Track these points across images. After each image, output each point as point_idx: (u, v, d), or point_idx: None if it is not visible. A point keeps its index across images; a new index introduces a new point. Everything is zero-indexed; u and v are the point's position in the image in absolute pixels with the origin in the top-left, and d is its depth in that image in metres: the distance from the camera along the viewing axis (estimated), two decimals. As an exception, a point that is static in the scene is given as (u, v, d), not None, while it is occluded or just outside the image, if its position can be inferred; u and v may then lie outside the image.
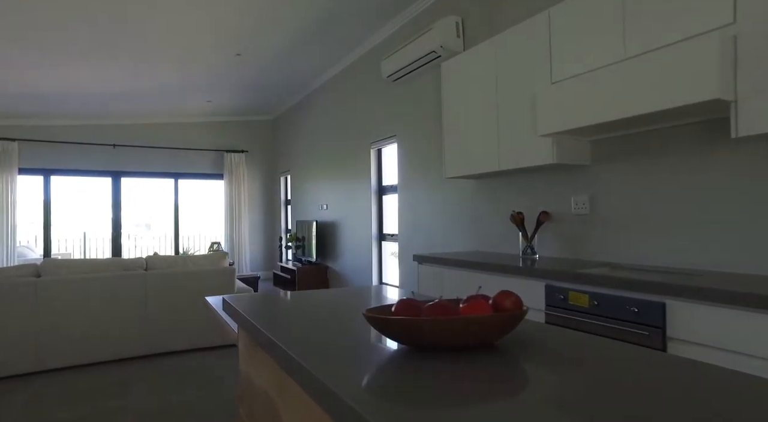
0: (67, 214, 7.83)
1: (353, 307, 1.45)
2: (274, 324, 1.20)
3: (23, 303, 3.42)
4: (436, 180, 4.11)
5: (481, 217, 3.60)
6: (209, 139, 8.14)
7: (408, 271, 4.49)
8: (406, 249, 4.56)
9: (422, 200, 4.31)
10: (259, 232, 8.51)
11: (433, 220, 4.16)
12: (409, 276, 4.46)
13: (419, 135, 4.34)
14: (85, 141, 7.27)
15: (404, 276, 4.56)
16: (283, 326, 1.18)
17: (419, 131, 4.34)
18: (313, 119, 6.84)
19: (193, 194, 8.32)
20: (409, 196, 4.51)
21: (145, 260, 3.94)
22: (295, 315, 1.34)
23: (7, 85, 5.49)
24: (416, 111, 4.38)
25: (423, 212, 4.30)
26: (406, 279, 4.51)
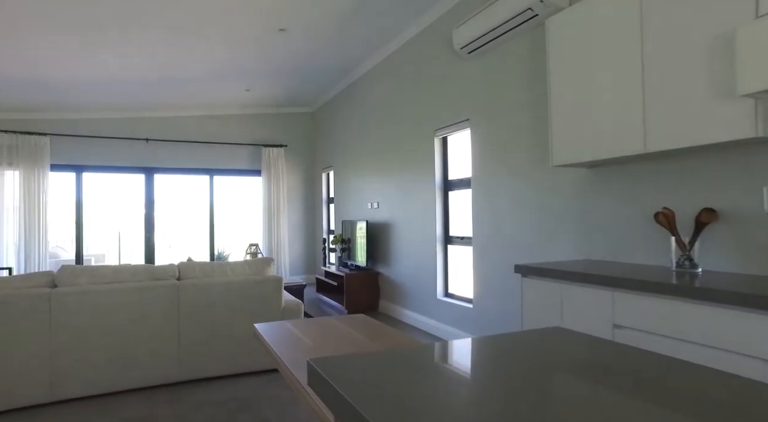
0: (100, 212, 7.41)
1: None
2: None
3: (35, 319, 2.84)
4: (525, 171, 3.32)
5: (596, 216, 2.80)
6: (246, 132, 7.57)
7: (487, 282, 3.71)
8: (482, 255, 3.79)
9: (505, 197, 3.53)
10: (298, 233, 7.89)
11: (521, 220, 3.37)
12: (489, 289, 3.69)
13: (502, 117, 3.56)
14: (117, 135, 6.81)
15: (482, 288, 3.78)
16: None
17: (502, 112, 3.56)
18: (360, 108, 6.14)
19: (228, 192, 7.78)
20: (486, 191, 3.74)
21: (177, 267, 3.31)
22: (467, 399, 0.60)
23: (36, 74, 5.01)
24: (498, 88, 3.60)
25: (506, 211, 3.52)
26: (485, 292, 3.74)
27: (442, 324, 4.35)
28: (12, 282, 2.91)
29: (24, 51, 4.43)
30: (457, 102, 4.11)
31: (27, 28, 3.93)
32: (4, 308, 2.79)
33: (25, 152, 6.27)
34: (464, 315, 4.02)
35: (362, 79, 6.08)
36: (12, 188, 6.29)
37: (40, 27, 3.93)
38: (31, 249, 6.22)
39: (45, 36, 4.12)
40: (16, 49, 4.38)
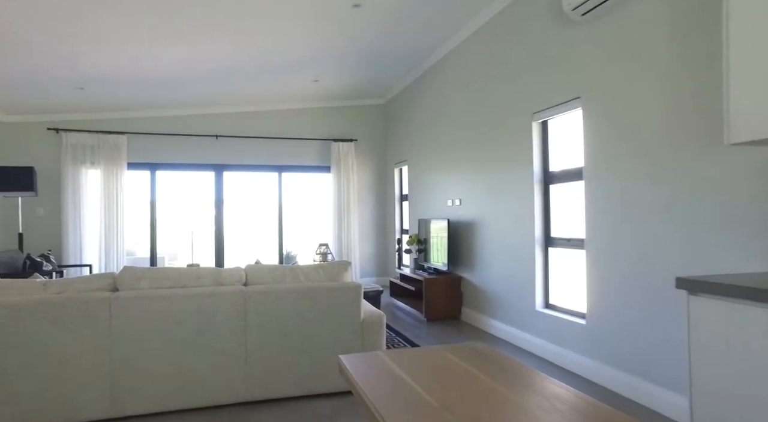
0: (173, 210, 7.42)
1: None
2: None
3: (96, 326, 2.56)
4: (668, 156, 2.61)
5: (787, 213, 2.05)
6: (315, 127, 7.26)
7: (609, 294, 3.02)
8: (601, 261, 3.10)
9: (637, 189, 2.82)
10: (369, 232, 7.47)
11: (662, 218, 2.66)
12: (611, 302, 3.00)
13: (628, 92, 2.85)
14: (188, 132, 6.74)
15: (600, 300, 3.09)
16: None
17: (628, 86, 2.85)
18: (439, 95, 5.58)
19: (297, 189, 7.51)
20: (607, 183, 3.04)
21: (244, 271, 2.94)
22: None
23: (112, 71, 4.93)
24: (623, 56, 2.90)
25: (639, 207, 2.81)
26: (605, 306, 3.05)
27: (542, 341, 3.69)
28: (73, 284, 2.66)
29: (101, 47, 4.31)
30: (563, 78, 3.44)
31: (100, 21, 3.76)
32: (65, 313, 2.53)
33: (105, 151, 6.33)
34: (574, 333, 3.34)
35: (442, 63, 5.51)
36: (94, 186, 6.38)
37: (113, 22, 3.75)
38: (110, 247, 6.27)
39: (117, 31, 3.95)
40: (94, 46, 4.27)
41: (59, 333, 2.53)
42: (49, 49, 4.25)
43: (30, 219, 6.19)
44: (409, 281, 5.65)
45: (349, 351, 2.93)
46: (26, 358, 2.49)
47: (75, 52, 4.36)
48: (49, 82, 5.07)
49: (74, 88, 5.34)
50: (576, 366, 3.30)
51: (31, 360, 2.50)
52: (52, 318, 2.52)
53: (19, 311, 2.49)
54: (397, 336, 4.34)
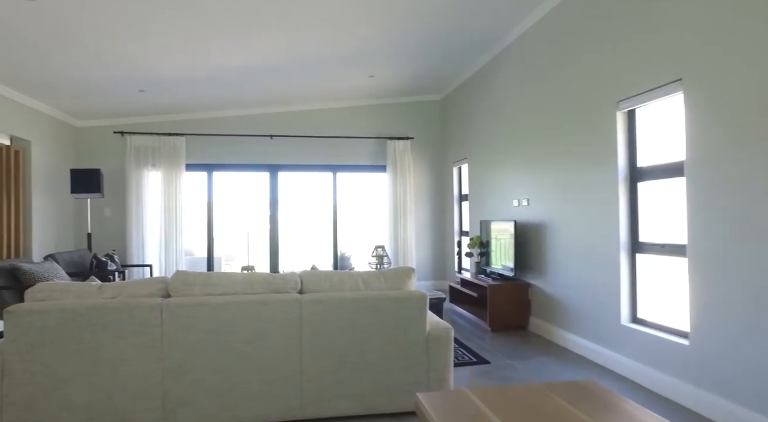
0: (229, 211, 7.46)
1: None
2: None
3: (147, 334, 2.44)
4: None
5: None
6: (370, 125, 7.05)
7: (722, 310, 2.54)
8: (709, 271, 2.62)
9: (754, 186, 2.34)
10: (426, 234, 7.16)
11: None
12: (724, 321, 2.52)
13: (748, 69, 2.38)
14: (244, 133, 6.72)
15: (709, 318, 2.62)
16: None
17: (748, 61, 2.38)
18: (503, 89, 5.18)
19: (352, 189, 7.33)
20: (716, 179, 2.57)
21: (299, 277, 2.72)
22: None
23: (171, 71, 4.94)
24: (741, 24, 2.42)
25: (759, 208, 2.33)
26: (716, 325, 2.57)
27: (629, 360, 3.24)
28: (126, 289, 2.56)
29: (159, 47, 4.29)
30: (658, 59, 2.98)
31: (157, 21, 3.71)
32: (118, 319, 2.42)
33: (165, 153, 6.42)
34: (673, 355, 2.88)
35: (506, 53, 5.11)
36: (155, 188, 6.49)
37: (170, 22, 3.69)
38: (169, 247, 6.35)
39: (174, 31, 3.89)
40: (152, 46, 4.26)
41: (112, 340, 2.42)
42: (112, 52, 4.28)
43: (98, 220, 6.38)
44: (471, 286, 5.29)
45: (414, 367, 2.64)
46: (81, 364, 2.40)
47: (136, 53, 4.37)
48: (113, 86, 5.16)
49: (136, 91, 5.41)
50: (675, 392, 2.84)
51: (85, 366, 2.40)
52: (104, 324, 2.41)
53: (74, 315, 2.40)
54: (461, 347, 4.01)
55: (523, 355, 3.83)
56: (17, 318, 2.38)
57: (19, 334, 2.38)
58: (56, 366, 2.39)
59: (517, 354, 3.87)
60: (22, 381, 2.39)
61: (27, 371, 2.39)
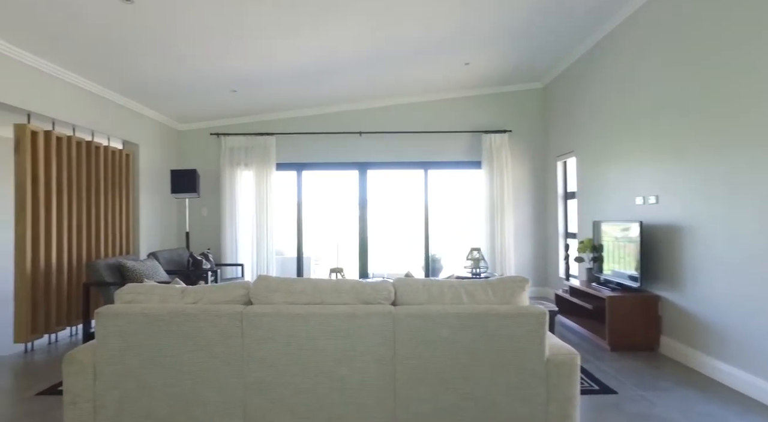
0: (318, 211, 7.39)
1: None
2: None
3: (228, 344, 2.23)
4: None
5: None
6: (464, 118, 6.56)
7: None
8: None
9: None
10: (526, 235, 6.51)
11: None
12: None
13: None
14: (332, 131, 6.58)
15: None
16: None
17: None
18: (621, 71, 4.44)
19: (445, 187, 6.89)
20: None
21: (393, 286, 2.37)
22: None
23: (257, 68, 4.89)
24: None
25: None
26: None
27: (818, 406, 2.46)
28: (208, 294, 2.38)
29: (247, 43, 4.22)
30: None
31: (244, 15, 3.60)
32: (198, 326, 2.24)
33: (256, 152, 6.48)
34: None
35: (626, 28, 4.37)
36: (247, 187, 6.58)
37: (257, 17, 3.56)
38: (260, 246, 6.39)
39: (261, 26, 3.76)
40: (241, 43, 4.20)
41: (192, 349, 2.24)
42: (205, 54, 4.28)
43: (195, 219, 6.61)
44: (584, 296, 4.60)
45: (529, 398, 2.17)
46: (163, 372, 2.25)
47: (227, 52, 4.33)
48: (207, 88, 5.24)
49: (229, 92, 5.46)
50: None
51: (167, 375, 2.25)
52: (186, 332, 2.24)
53: (155, 320, 2.26)
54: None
55: (658, 385, 3.14)
56: (105, 319, 2.30)
57: (107, 336, 2.29)
58: (141, 373, 2.26)
59: (648, 382, 3.19)
60: (111, 385, 2.29)
61: (115, 374, 2.29)
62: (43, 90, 4.19)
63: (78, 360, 2.30)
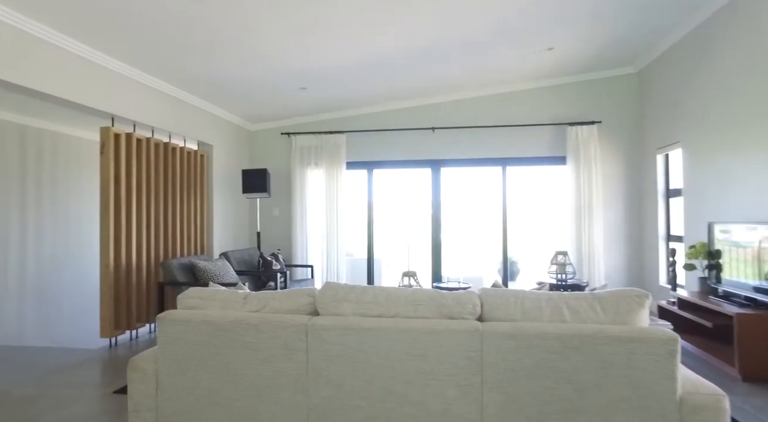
0: (389, 211, 7.15)
1: None
2: None
3: (292, 358, 2.00)
4: None
5: None
6: (546, 109, 6.00)
7: None
8: None
9: None
10: (618, 237, 5.82)
11: None
12: None
13: None
14: (404, 127, 6.30)
15: None
16: None
17: None
18: (746, 41, 3.73)
19: (524, 185, 6.37)
20: None
21: (479, 298, 2.02)
22: None
23: (326, 62, 4.72)
24: None
25: None
26: None
27: None
28: (271, 302, 2.17)
29: (317, 38, 4.05)
30: None
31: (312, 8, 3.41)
32: (260, 337, 2.03)
33: (326, 151, 6.36)
34: None
35: None
36: (317, 187, 6.48)
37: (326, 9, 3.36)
38: (330, 247, 6.25)
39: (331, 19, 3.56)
40: (312, 40, 4.03)
41: (254, 362, 2.04)
42: (275, 50, 4.16)
43: (266, 219, 6.62)
44: (699, 311, 3.93)
45: (653, 446, 1.73)
46: (224, 387, 2.07)
47: (296, 48, 4.19)
48: (277, 85, 5.16)
49: (298, 89, 5.36)
50: None
51: (229, 389, 2.07)
52: (247, 343, 2.04)
53: (216, 329, 2.09)
54: (697, 400, 2.83)
55: (811, 427, 2.51)
56: (166, 326, 2.16)
57: (168, 344, 2.15)
58: (202, 384, 2.10)
59: (798, 423, 2.56)
60: (172, 395, 2.15)
61: (176, 385, 2.15)
62: (126, 93, 4.29)
63: (141, 368, 2.19)
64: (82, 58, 3.78)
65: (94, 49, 3.82)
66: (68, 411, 2.88)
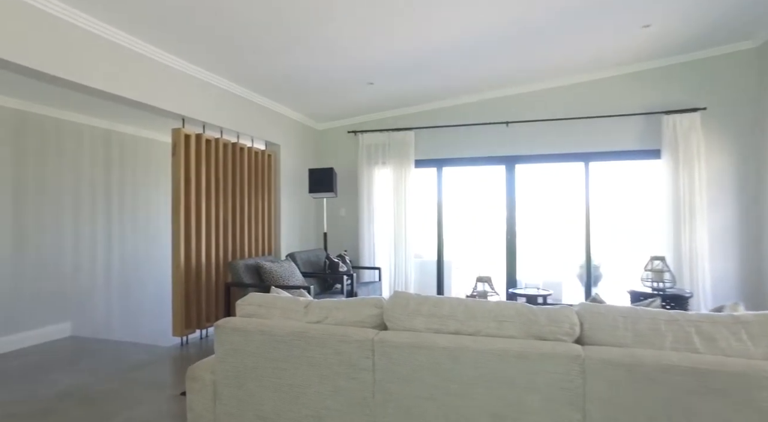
0: (459, 211, 6.79)
1: None
2: None
3: (355, 377, 1.77)
4: None
5: None
6: (637, 97, 5.37)
7: None
8: None
9: None
10: (726, 242, 5.06)
11: None
12: None
13: None
14: (475, 122, 5.92)
15: None
16: None
17: None
18: None
19: (609, 183, 5.75)
20: None
21: (576, 315, 1.67)
22: None
23: (393, 54, 4.49)
24: None
25: None
26: None
27: None
28: (333, 312, 1.95)
29: (385, 30, 3.82)
30: None
31: None
32: (321, 352, 1.82)
33: (394, 149, 6.14)
34: None
35: None
36: (384, 186, 6.28)
37: None
38: (398, 249, 6.02)
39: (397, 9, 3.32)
40: (378, 31, 3.82)
41: (315, 379, 1.83)
42: (342, 43, 4.00)
43: (333, 219, 6.52)
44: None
45: None
46: (283, 405, 1.88)
47: (363, 40, 4.00)
48: (344, 81, 5.01)
49: (365, 85, 5.17)
50: None
51: (288, 408, 1.88)
52: (308, 358, 1.84)
53: (274, 341, 1.91)
54: None
55: None
56: (224, 334, 2.02)
57: (226, 354, 2.01)
58: (260, 400, 1.93)
59: None
60: (230, 409, 2.00)
61: (235, 398, 2.00)
62: (196, 95, 4.32)
63: (199, 377, 2.06)
64: (155, 61, 3.82)
65: (166, 52, 3.85)
66: (136, 411, 2.87)
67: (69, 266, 4.97)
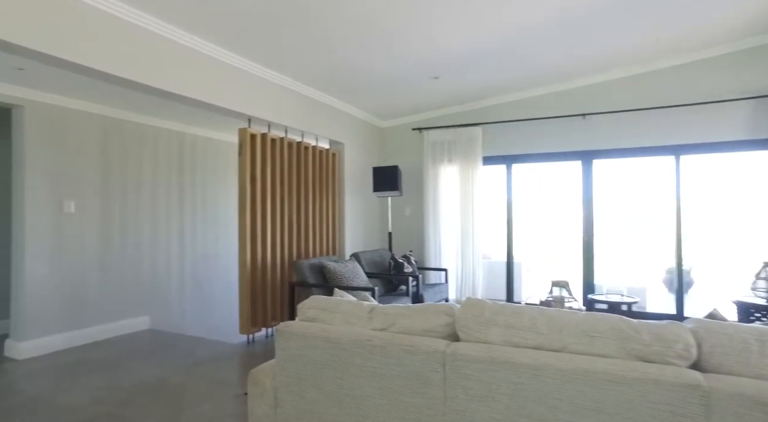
0: (530, 210, 6.40)
1: None
2: None
3: (423, 393, 1.60)
4: None
5: None
6: (739, 81, 4.74)
7: None
8: None
9: None
10: None
11: None
12: None
13: None
14: (548, 115, 5.53)
15: None
16: None
17: None
18: None
19: (704, 178, 5.14)
20: None
21: (691, 333, 1.38)
22: None
23: (458, 44, 4.27)
24: None
25: None
26: None
27: None
28: (399, 319, 1.79)
29: (449, 19, 3.62)
30: None
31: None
32: (385, 364, 1.67)
33: (461, 146, 5.89)
34: None
35: None
36: (450, 184, 6.04)
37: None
38: (465, 250, 5.76)
39: None
40: (442, 20, 3.63)
41: (378, 392, 1.68)
42: (406, 36, 3.84)
43: (398, 219, 6.38)
44: None
45: None
46: (345, 416, 1.76)
47: (427, 30, 3.82)
48: (408, 75, 4.85)
49: (430, 79, 4.98)
50: None
51: (350, 420, 1.75)
52: (371, 368, 1.70)
53: (335, 349, 1.78)
54: None
55: None
56: (284, 339, 1.92)
57: (287, 360, 1.91)
58: (322, 410, 1.81)
59: None
60: (291, 418, 1.91)
61: (295, 407, 1.90)
62: (261, 95, 4.35)
63: (260, 382, 1.98)
64: (221, 61, 3.88)
65: (232, 52, 3.89)
66: (201, 408, 2.88)
67: (147, 263, 5.22)
